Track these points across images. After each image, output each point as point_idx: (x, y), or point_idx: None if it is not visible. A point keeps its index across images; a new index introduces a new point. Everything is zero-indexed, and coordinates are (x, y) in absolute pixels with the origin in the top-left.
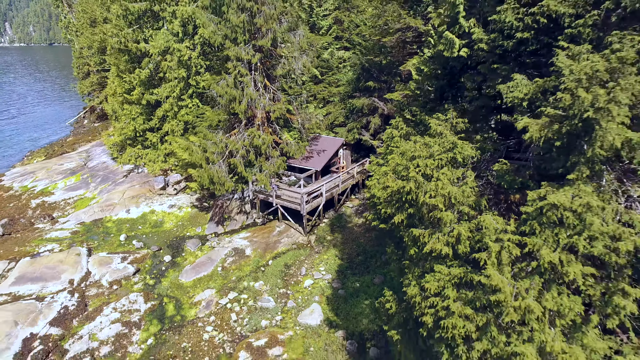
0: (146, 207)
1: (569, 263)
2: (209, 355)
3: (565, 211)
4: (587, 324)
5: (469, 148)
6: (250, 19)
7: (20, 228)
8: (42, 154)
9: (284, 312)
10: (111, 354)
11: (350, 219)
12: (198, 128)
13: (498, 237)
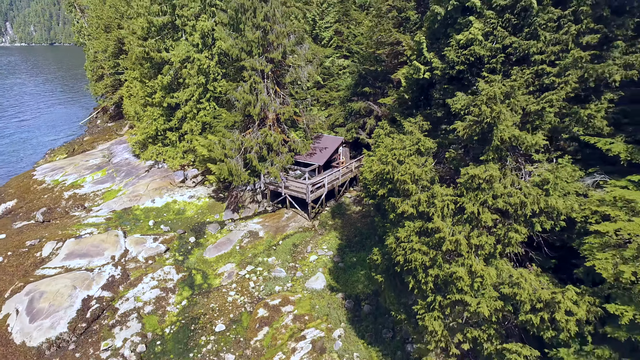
0: (169, 198)
1: (484, 213)
2: (233, 312)
3: (480, 180)
4: (495, 251)
5: (430, 142)
6: (264, 35)
7: (57, 216)
8: (64, 152)
9: (293, 281)
10: (153, 312)
11: (349, 207)
12: (216, 128)
13: (442, 198)
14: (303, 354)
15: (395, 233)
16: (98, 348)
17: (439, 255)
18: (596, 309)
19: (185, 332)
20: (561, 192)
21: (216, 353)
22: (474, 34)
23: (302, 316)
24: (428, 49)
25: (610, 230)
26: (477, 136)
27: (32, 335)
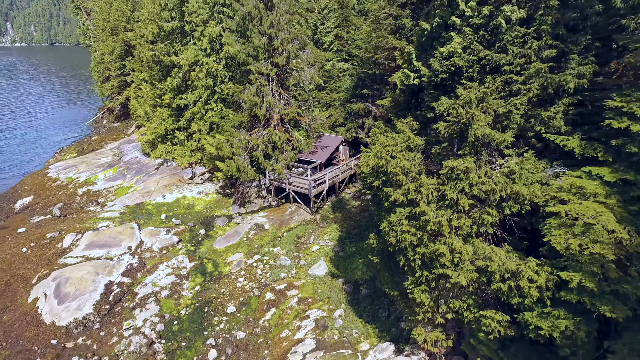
0: (178, 194)
1: (462, 199)
2: (243, 296)
3: (458, 171)
4: (472, 231)
5: (418, 140)
6: (270, 41)
7: (73, 211)
8: (73, 151)
9: (297, 268)
10: (169, 296)
11: (348, 202)
12: (223, 127)
13: (428, 187)
14: (307, 330)
15: (388, 218)
16: (121, 327)
17: (425, 236)
18: (553, 277)
19: (200, 313)
20: (526, 181)
21: (228, 331)
22: (455, 48)
23: (305, 299)
24: (417, 58)
25: (562, 211)
26: (455, 134)
27: (60, 316)
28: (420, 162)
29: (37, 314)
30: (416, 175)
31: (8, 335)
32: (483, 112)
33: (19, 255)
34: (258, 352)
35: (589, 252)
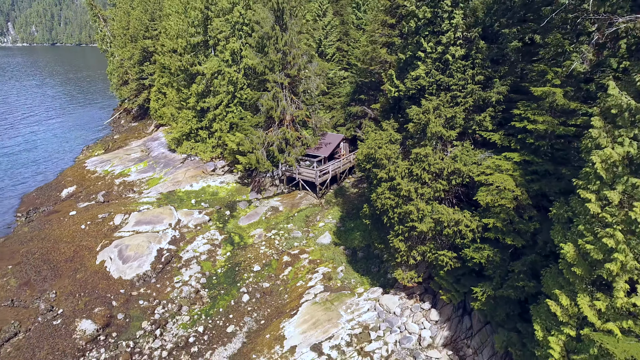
0: (203, 183)
1: (424, 174)
2: (265, 259)
3: (421, 155)
4: (431, 196)
5: (397, 135)
6: (284, 56)
7: (114, 198)
8: (100, 148)
9: (307, 239)
10: (207, 259)
11: (348, 189)
12: (242, 127)
13: (402, 167)
14: (316, 280)
15: (376, 191)
16: (172, 281)
17: (400, 200)
18: (480, 223)
19: (232, 271)
20: (465, 162)
21: (256, 283)
22: (420, 73)
23: (314, 260)
24: (397, 78)
25: (485, 180)
26: (419, 131)
27: (125, 272)
28: (398, 150)
29: (106, 271)
30: (395, 160)
31: (85, 287)
32: (437, 117)
33: (79, 231)
34: (280, 296)
35: (499, 204)
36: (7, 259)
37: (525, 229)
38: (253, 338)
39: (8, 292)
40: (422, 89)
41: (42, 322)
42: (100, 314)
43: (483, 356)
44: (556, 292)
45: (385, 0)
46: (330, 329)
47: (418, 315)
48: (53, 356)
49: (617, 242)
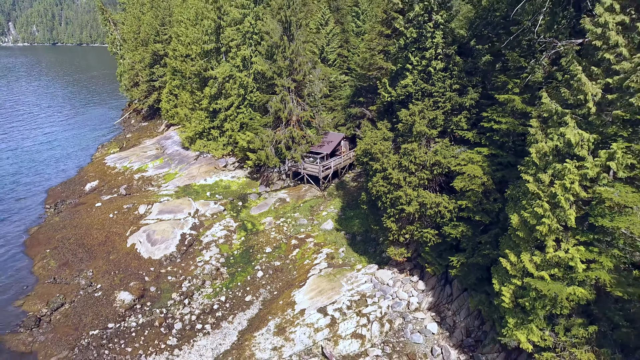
0: (216, 178)
1: (410, 165)
2: (275, 243)
3: (409, 150)
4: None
5: (390, 134)
6: (291, 63)
7: (135, 191)
8: (115, 146)
9: (312, 225)
10: (224, 242)
11: (348, 183)
12: (252, 126)
13: (393, 160)
14: (321, 259)
15: (371, 180)
16: (195, 261)
17: (391, 187)
18: (456, 204)
19: (247, 252)
20: (445, 155)
21: (268, 262)
22: (408, 82)
23: (319, 243)
24: (389, 85)
25: (460, 170)
26: (407, 130)
27: (154, 253)
28: (390, 146)
29: (137, 253)
30: (387, 154)
31: (118, 266)
32: (422, 118)
33: (108, 219)
34: (290, 272)
35: (470, 189)
36: (44, 244)
37: (491, 208)
38: (268, 305)
39: (49, 272)
40: (410, 95)
41: (84, 295)
42: (135, 287)
43: (460, 316)
44: (507, 252)
45: (382, 12)
46: (333, 296)
47: (407, 286)
48: (98, 320)
49: (545, 210)
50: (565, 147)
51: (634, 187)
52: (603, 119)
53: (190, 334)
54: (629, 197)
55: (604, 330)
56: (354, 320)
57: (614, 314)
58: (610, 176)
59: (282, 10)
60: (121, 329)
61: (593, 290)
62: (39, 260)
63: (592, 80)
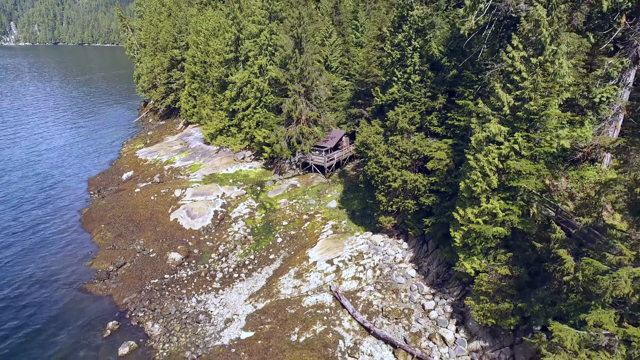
0: (236, 168)
1: (395, 152)
2: (290, 218)
3: (395, 140)
4: (401, 166)
5: (381, 129)
6: (301, 72)
7: (167, 179)
8: (140, 142)
9: (319, 205)
10: (249, 217)
11: (348, 172)
12: (267, 124)
13: (383, 148)
14: (327, 228)
15: (367, 164)
16: (227, 231)
17: (382, 169)
18: (428, 180)
19: (267, 225)
20: (421, 144)
21: (285, 231)
22: (394, 90)
23: (325, 218)
24: (380, 92)
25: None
26: (393, 126)
27: (194, 225)
28: (381, 138)
29: (179, 225)
30: (379, 144)
31: (165, 236)
32: (404, 117)
33: (150, 201)
34: (303, 239)
35: (438, 168)
36: (97, 221)
37: (452, 182)
38: (288, 260)
39: (107, 241)
40: (396, 100)
41: (140, 256)
42: (181, 249)
43: (433, 265)
44: (458, 208)
45: (377, 30)
46: (338, 252)
47: (395, 246)
48: (156, 273)
49: (478, 177)
50: (491, 136)
51: (530, 160)
52: (513, 118)
53: (229, 280)
54: (527, 167)
55: (516, 255)
56: (353, 268)
57: (522, 243)
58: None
59: (294, 28)
60: (175, 278)
61: (509, 229)
62: (96, 233)
63: (507, 92)
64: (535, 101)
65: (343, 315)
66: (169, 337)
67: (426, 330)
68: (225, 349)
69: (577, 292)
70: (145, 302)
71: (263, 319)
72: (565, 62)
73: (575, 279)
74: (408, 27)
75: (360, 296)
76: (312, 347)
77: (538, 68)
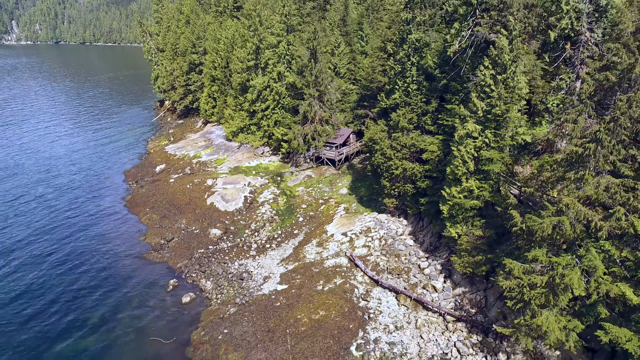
0: (257, 161)
1: (397, 145)
2: (308, 203)
3: (397, 136)
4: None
5: (385, 127)
6: (316, 78)
7: (196, 171)
8: (164, 140)
9: (332, 192)
10: (273, 202)
11: (356, 165)
12: (284, 123)
13: (387, 143)
14: (340, 210)
15: (375, 156)
16: (256, 212)
17: (386, 159)
18: (423, 168)
19: (289, 208)
20: (417, 139)
21: (305, 213)
22: (396, 96)
23: (338, 202)
24: (385, 97)
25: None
26: (395, 125)
27: (228, 207)
28: (386, 135)
29: (216, 207)
30: (384, 139)
31: (204, 216)
32: (404, 118)
33: (186, 189)
34: (320, 218)
35: (431, 159)
36: (142, 206)
37: (442, 169)
38: (308, 234)
39: (154, 222)
40: (397, 104)
41: (185, 233)
42: (220, 227)
43: (427, 236)
44: (445, 187)
45: (380, 42)
46: (350, 227)
47: (396, 223)
48: (201, 245)
49: (459, 163)
50: (469, 132)
51: (497, 150)
52: (485, 119)
53: (263, 250)
54: (494, 155)
55: (487, 221)
56: (363, 239)
57: (491, 212)
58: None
59: (310, 41)
60: (218, 249)
61: (483, 202)
62: (143, 215)
63: (481, 100)
64: (499, 107)
65: (357, 272)
66: (220, 290)
67: (421, 282)
68: (266, 296)
69: (522, 238)
70: (196, 266)
71: (294, 276)
72: (522, 78)
73: (521, 229)
74: (407, 47)
75: (369, 259)
76: (334, 293)
77: (501, 83)
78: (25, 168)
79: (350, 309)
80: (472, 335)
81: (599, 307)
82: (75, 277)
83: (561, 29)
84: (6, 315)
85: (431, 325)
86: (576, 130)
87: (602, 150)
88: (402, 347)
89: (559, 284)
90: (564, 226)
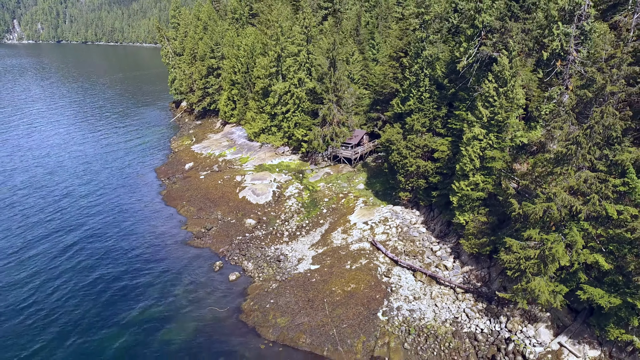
0: (278, 160)
1: (412, 146)
2: (329, 197)
3: (411, 137)
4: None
5: (400, 130)
6: (334, 85)
7: (224, 168)
8: (187, 139)
9: (350, 187)
10: (297, 196)
11: (369, 164)
12: (303, 125)
13: (402, 143)
14: (359, 203)
15: (391, 155)
16: (284, 205)
17: (402, 158)
18: (435, 165)
19: (313, 201)
20: (430, 141)
21: (328, 205)
22: (411, 103)
23: (356, 196)
24: (400, 103)
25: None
26: (410, 128)
27: (259, 200)
28: (401, 137)
29: (247, 201)
30: (400, 140)
31: (237, 208)
32: (417, 122)
33: (218, 184)
34: (342, 210)
35: (441, 157)
36: (178, 200)
37: (451, 166)
38: (333, 224)
39: (192, 213)
40: (412, 110)
41: (222, 223)
42: (254, 217)
43: (438, 225)
44: (454, 182)
45: (391, 51)
46: (370, 217)
47: (410, 214)
48: (238, 233)
49: (467, 161)
50: (475, 135)
51: (499, 150)
52: (488, 124)
53: (294, 237)
54: (497, 154)
55: (490, 210)
56: (382, 227)
57: (494, 202)
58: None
59: (329, 51)
60: (254, 236)
61: (487, 193)
62: (180, 208)
63: (485, 108)
64: (501, 115)
65: (378, 254)
66: (260, 270)
67: (434, 262)
68: (302, 274)
69: (519, 221)
70: (236, 250)
71: (324, 258)
72: (520, 90)
73: (519, 214)
74: (421, 60)
75: (388, 244)
76: (361, 270)
77: (502, 95)
78: (66, 168)
79: (376, 283)
80: (478, 303)
81: (579, 273)
82: (134, 259)
83: (552, 49)
84: (90, 286)
85: (444, 296)
86: (562, 135)
87: (582, 151)
88: (420, 313)
89: (548, 255)
90: (552, 210)
